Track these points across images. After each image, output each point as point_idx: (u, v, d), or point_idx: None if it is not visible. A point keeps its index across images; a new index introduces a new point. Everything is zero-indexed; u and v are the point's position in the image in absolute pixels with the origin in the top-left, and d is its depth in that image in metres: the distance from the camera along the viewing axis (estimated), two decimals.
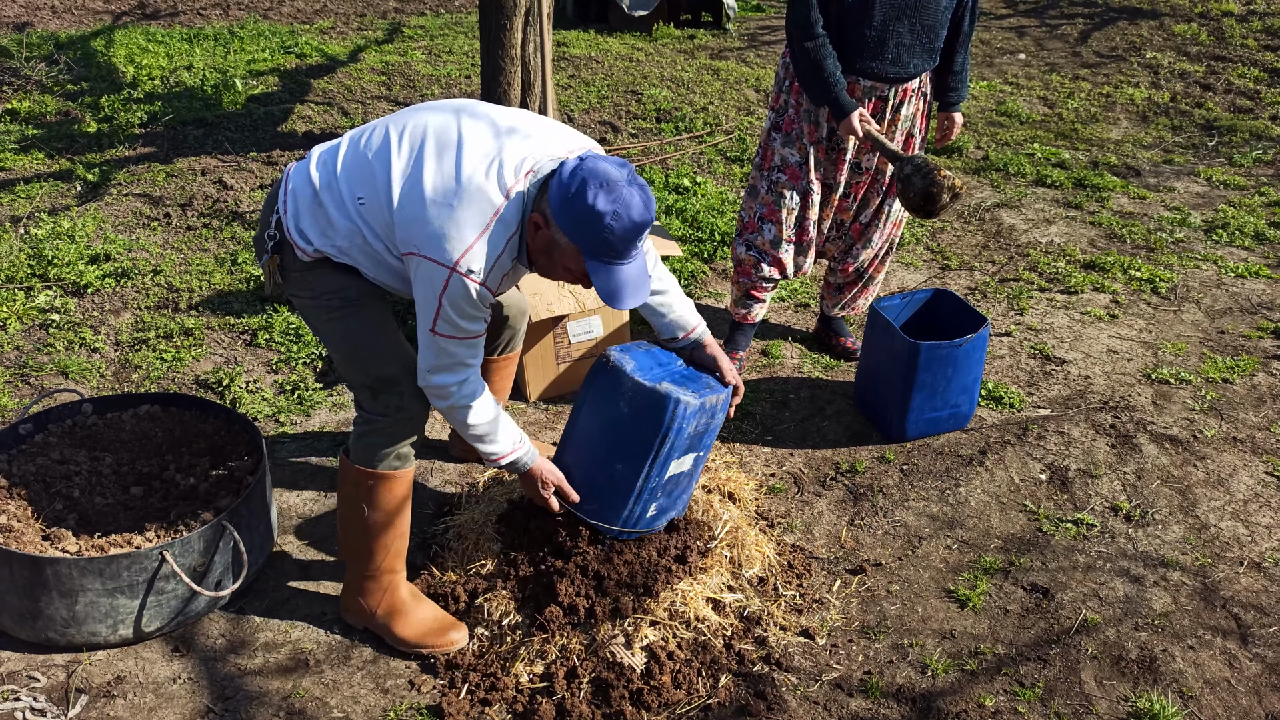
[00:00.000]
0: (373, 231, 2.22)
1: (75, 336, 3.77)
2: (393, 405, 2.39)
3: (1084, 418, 3.56)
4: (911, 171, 3.02)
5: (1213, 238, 4.94)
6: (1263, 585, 2.87)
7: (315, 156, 2.32)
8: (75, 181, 4.93)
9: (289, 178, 2.31)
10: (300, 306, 2.40)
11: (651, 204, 2.10)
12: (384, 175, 2.17)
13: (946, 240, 4.86)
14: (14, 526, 2.56)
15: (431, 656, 2.54)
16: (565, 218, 2.07)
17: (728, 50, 7.42)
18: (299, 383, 3.58)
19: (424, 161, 2.14)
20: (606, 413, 2.51)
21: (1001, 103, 6.63)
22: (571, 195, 2.04)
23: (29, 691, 2.41)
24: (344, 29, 7.72)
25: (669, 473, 2.52)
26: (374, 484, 2.43)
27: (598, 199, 2.03)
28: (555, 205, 2.08)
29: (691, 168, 5.39)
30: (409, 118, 2.24)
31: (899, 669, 2.58)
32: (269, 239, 2.33)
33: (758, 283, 3.59)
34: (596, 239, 2.06)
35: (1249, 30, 7.75)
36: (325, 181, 2.26)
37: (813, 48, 3.14)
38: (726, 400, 2.59)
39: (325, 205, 2.24)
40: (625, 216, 2.05)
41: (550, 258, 2.17)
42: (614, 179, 2.04)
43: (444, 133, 2.18)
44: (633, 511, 2.53)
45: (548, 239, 2.14)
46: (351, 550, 2.53)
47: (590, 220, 2.04)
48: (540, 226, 2.13)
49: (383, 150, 2.20)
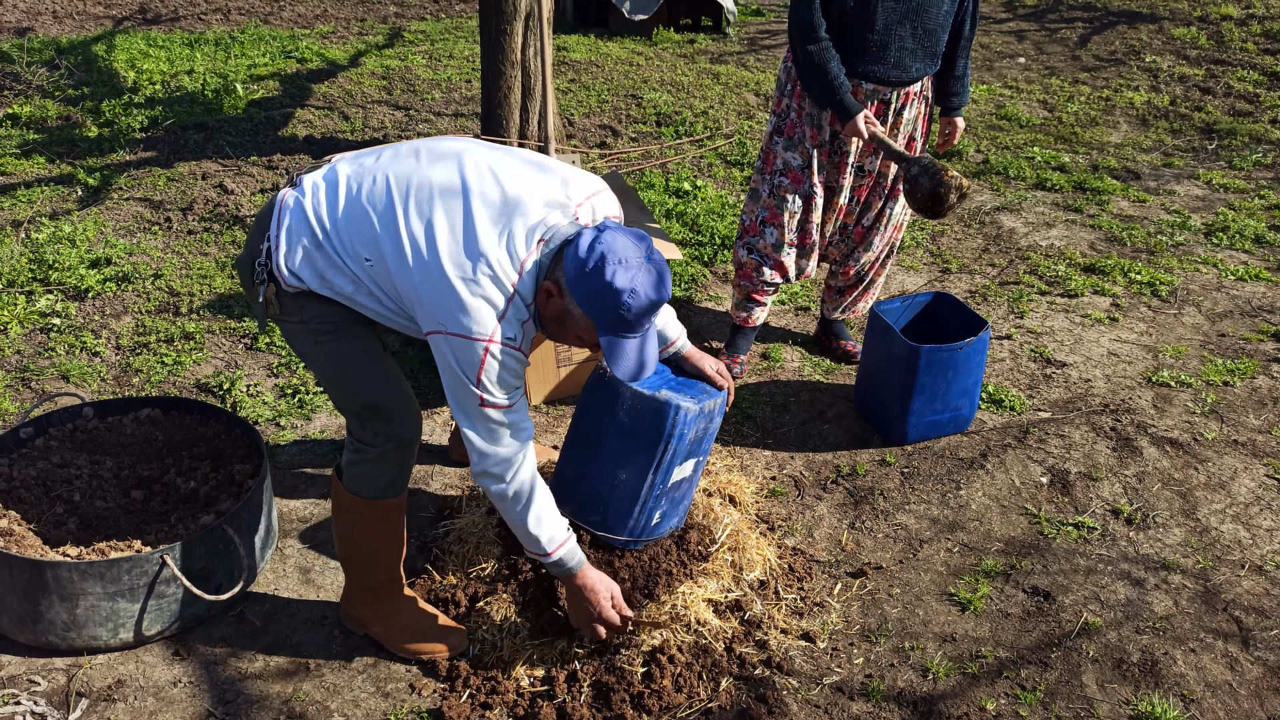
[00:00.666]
0: (380, 290, 2.15)
1: (76, 340, 3.77)
2: (381, 434, 2.34)
3: (1084, 421, 3.56)
4: (919, 172, 3.02)
5: (1213, 241, 4.94)
6: (1264, 588, 2.87)
7: (309, 194, 2.19)
8: (76, 186, 4.94)
9: (284, 213, 2.18)
10: (287, 332, 2.30)
11: (667, 280, 2.08)
12: (392, 243, 2.09)
13: (947, 244, 4.86)
14: (14, 530, 2.56)
15: (431, 660, 2.54)
16: (580, 291, 2.03)
17: (728, 54, 7.42)
18: (300, 387, 3.58)
19: (435, 235, 2.06)
20: (607, 423, 2.52)
21: (1001, 106, 6.64)
22: (589, 272, 2.01)
23: (29, 695, 2.41)
24: (344, 34, 7.73)
25: (672, 479, 2.52)
26: (367, 511, 2.41)
27: (615, 277, 2.00)
28: (570, 277, 2.04)
29: (692, 171, 5.40)
30: (411, 173, 2.14)
31: (900, 672, 2.57)
32: (260, 268, 2.21)
33: (759, 286, 3.60)
34: (611, 315, 2.04)
35: (1248, 34, 7.76)
36: (327, 231, 2.15)
37: (816, 51, 3.14)
38: (723, 404, 2.60)
39: (328, 254, 2.15)
40: (642, 294, 2.03)
41: (563, 326, 2.14)
42: (631, 257, 2.02)
43: (450, 200, 2.10)
44: (639, 520, 2.54)
45: (560, 308, 2.10)
46: (348, 562, 2.52)
47: (606, 297, 2.02)
48: (553, 295, 2.08)
49: (388, 214, 2.10)
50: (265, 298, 2.22)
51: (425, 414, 3.48)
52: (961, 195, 2.99)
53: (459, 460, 3.24)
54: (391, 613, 2.55)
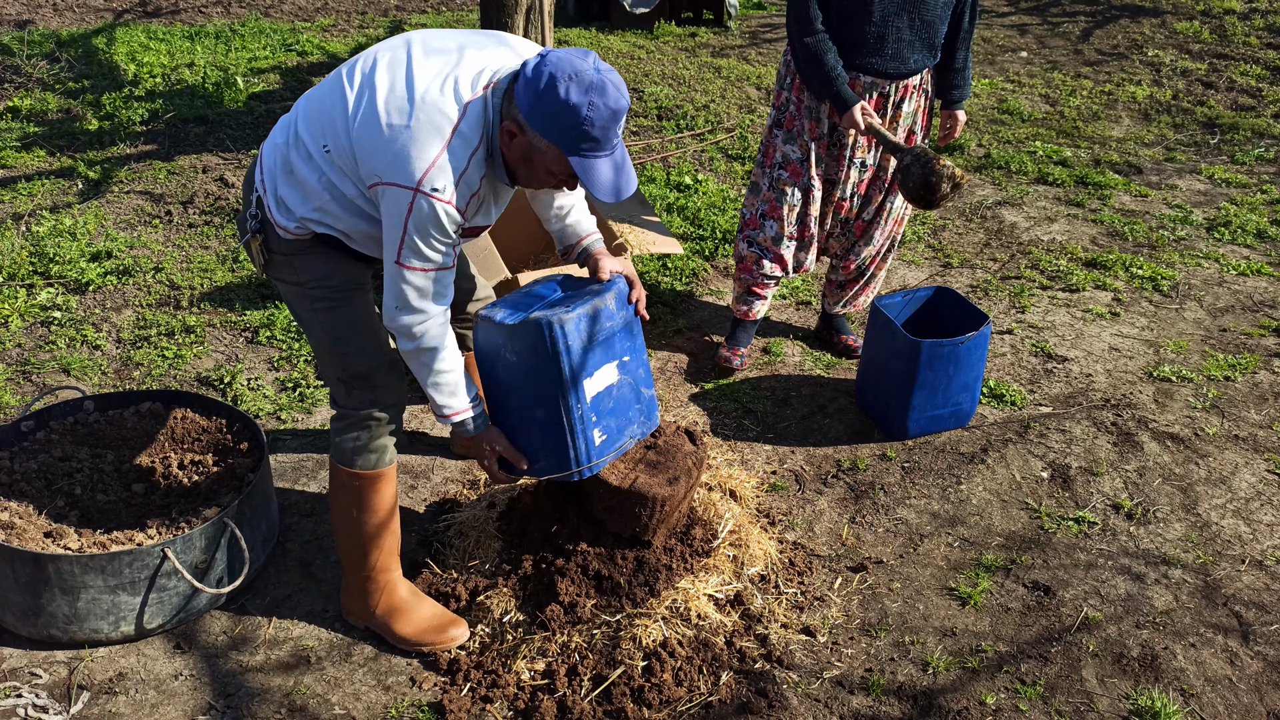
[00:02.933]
0: (342, 176, 2.15)
1: (77, 334, 3.77)
2: (366, 399, 2.38)
3: (1085, 415, 3.56)
4: (911, 161, 3.02)
5: (1214, 236, 4.93)
6: (1264, 583, 2.87)
7: (280, 125, 2.27)
8: (77, 179, 4.93)
9: (261, 153, 2.28)
10: (285, 293, 2.37)
11: (623, 87, 2.02)
12: (340, 112, 2.10)
13: (948, 238, 4.86)
14: (16, 523, 2.56)
15: (432, 654, 2.54)
16: (539, 118, 1.99)
17: (729, 48, 7.41)
18: (300, 380, 3.58)
19: (376, 88, 2.06)
20: (501, 370, 2.44)
21: (1003, 100, 6.63)
22: (541, 93, 1.96)
23: (31, 688, 2.42)
24: (345, 27, 7.72)
25: (591, 392, 2.42)
26: (358, 484, 2.43)
27: (570, 92, 1.95)
28: (526, 108, 1.99)
29: (693, 165, 5.39)
30: (359, 55, 2.17)
31: (900, 666, 2.58)
32: (251, 218, 2.28)
33: (759, 279, 3.60)
34: (575, 133, 1.99)
35: (1251, 28, 7.74)
36: (289, 139, 2.20)
37: (813, 43, 3.14)
38: (619, 296, 2.47)
39: (295, 165, 2.18)
40: (601, 105, 1.97)
41: (531, 164, 2.10)
42: (581, 69, 1.97)
43: (394, 58, 2.11)
44: (578, 447, 2.43)
45: (525, 145, 2.06)
46: (346, 552, 2.53)
47: (565, 115, 1.96)
48: (515, 134, 2.05)
49: (335, 90, 2.13)
50: (250, 246, 2.29)
51: (424, 406, 3.48)
52: (955, 185, 2.97)
53: (462, 453, 3.25)
54: (390, 605, 2.55)
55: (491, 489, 3.03)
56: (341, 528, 2.50)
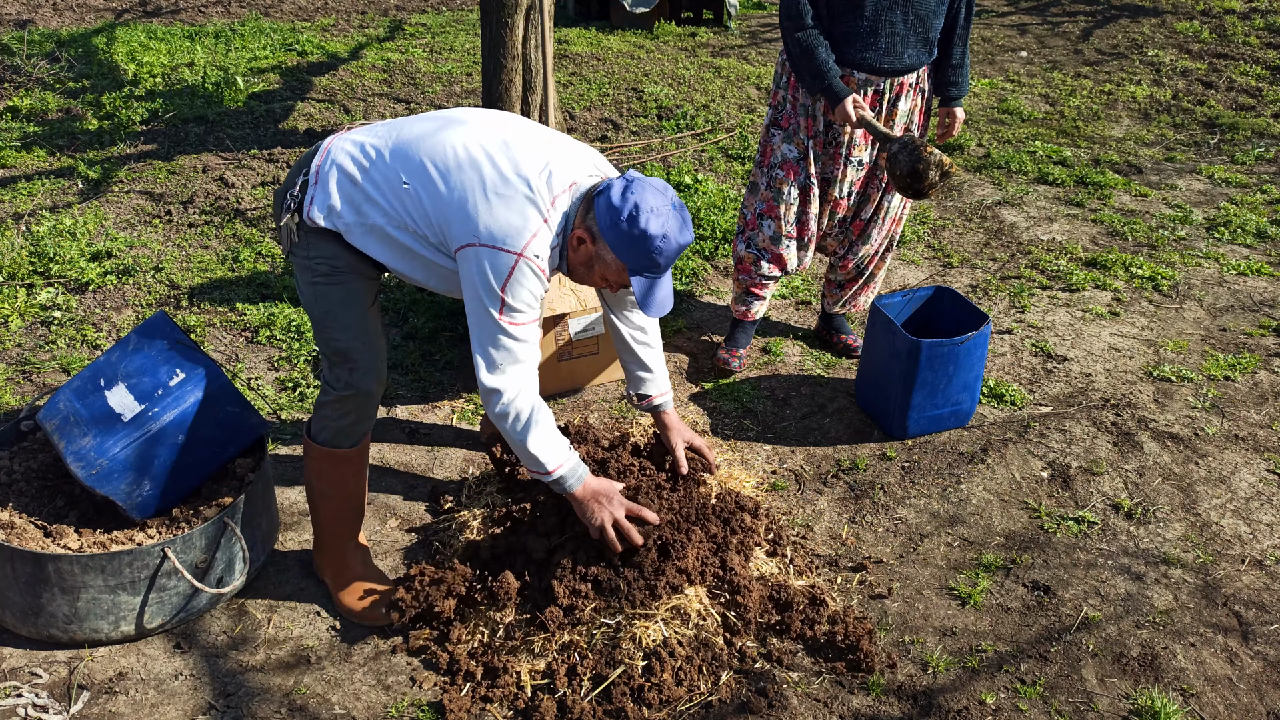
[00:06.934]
0: (412, 219, 2.31)
1: (77, 333, 3.77)
2: (343, 379, 2.48)
3: (1085, 415, 3.56)
4: (898, 149, 3.01)
5: (1214, 235, 4.94)
6: (1264, 583, 2.87)
7: (361, 140, 2.39)
8: (77, 179, 4.93)
9: (330, 150, 2.38)
10: (294, 263, 2.48)
11: (690, 225, 2.29)
12: (436, 163, 2.28)
13: (948, 238, 4.86)
14: (16, 523, 2.56)
15: (434, 654, 2.54)
16: (615, 236, 2.23)
17: (729, 48, 7.41)
18: (300, 380, 3.58)
19: (479, 163, 2.26)
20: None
21: (1003, 100, 6.63)
22: (625, 219, 2.21)
23: (31, 688, 2.42)
24: (345, 26, 7.72)
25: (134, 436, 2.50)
26: (323, 459, 2.56)
27: (649, 224, 2.21)
28: (604, 224, 2.24)
29: (693, 165, 5.39)
30: (455, 114, 2.39)
31: (900, 666, 2.58)
32: (292, 199, 2.39)
33: (758, 280, 3.60)
34: (645, 259, 2.25)
35: (1251, 28, 7.74)
36: (372, 163, 2.34)
37: (804, 38, 3.15)
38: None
39: (364, 188, 2.33)
40: (673, 239, 2.25)
41: (591, 269, 2.34)
42: (661, 205, 2.23)
43: (496, 128, 2.33)
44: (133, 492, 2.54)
45: (590, 253, 2.30)
46: (312, 511, 2.68)
47: (642, 242, 2.22)
48: (585, 242, 2.29)
49: (433, 140, 2.31)
50: (287, 225, 2.41)
51: (430, 406, 3.48)
52: (944, 173, 2.96)
53: (489, 440, 3.21)
54: (337, 571, 2.68)
55: (490, 486, 3.03)
56: (310, 488, 2.66)
